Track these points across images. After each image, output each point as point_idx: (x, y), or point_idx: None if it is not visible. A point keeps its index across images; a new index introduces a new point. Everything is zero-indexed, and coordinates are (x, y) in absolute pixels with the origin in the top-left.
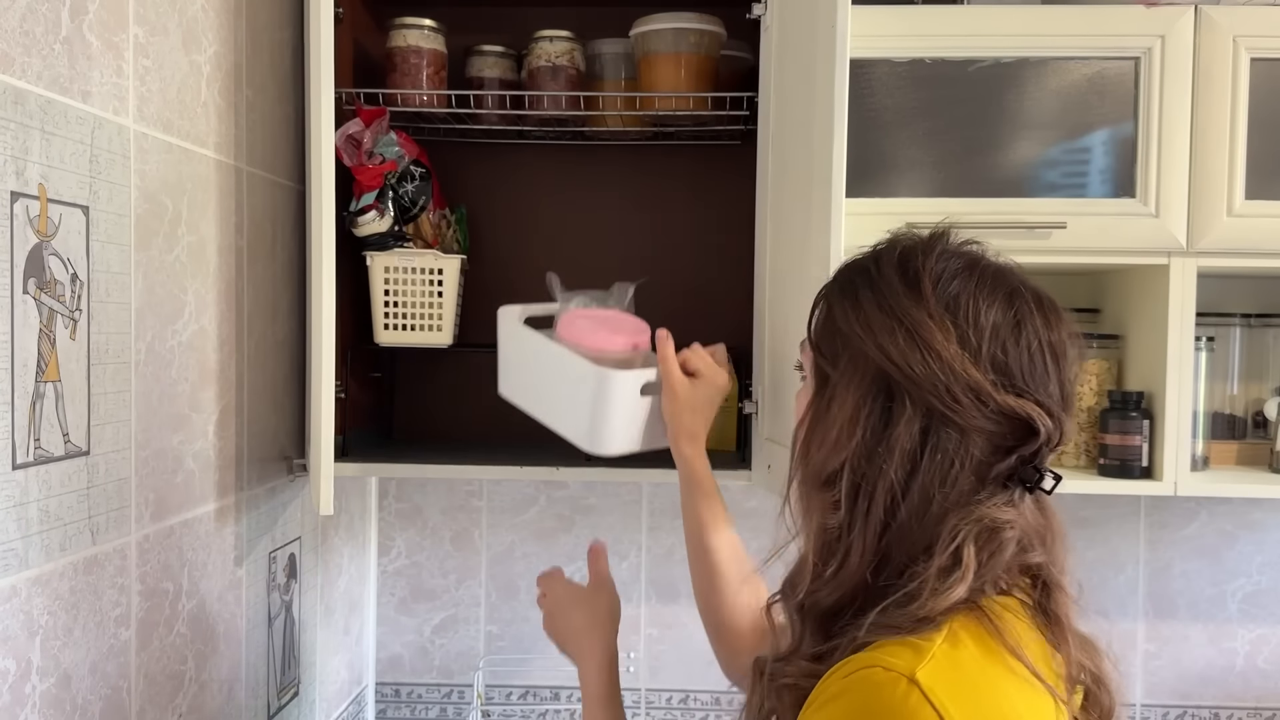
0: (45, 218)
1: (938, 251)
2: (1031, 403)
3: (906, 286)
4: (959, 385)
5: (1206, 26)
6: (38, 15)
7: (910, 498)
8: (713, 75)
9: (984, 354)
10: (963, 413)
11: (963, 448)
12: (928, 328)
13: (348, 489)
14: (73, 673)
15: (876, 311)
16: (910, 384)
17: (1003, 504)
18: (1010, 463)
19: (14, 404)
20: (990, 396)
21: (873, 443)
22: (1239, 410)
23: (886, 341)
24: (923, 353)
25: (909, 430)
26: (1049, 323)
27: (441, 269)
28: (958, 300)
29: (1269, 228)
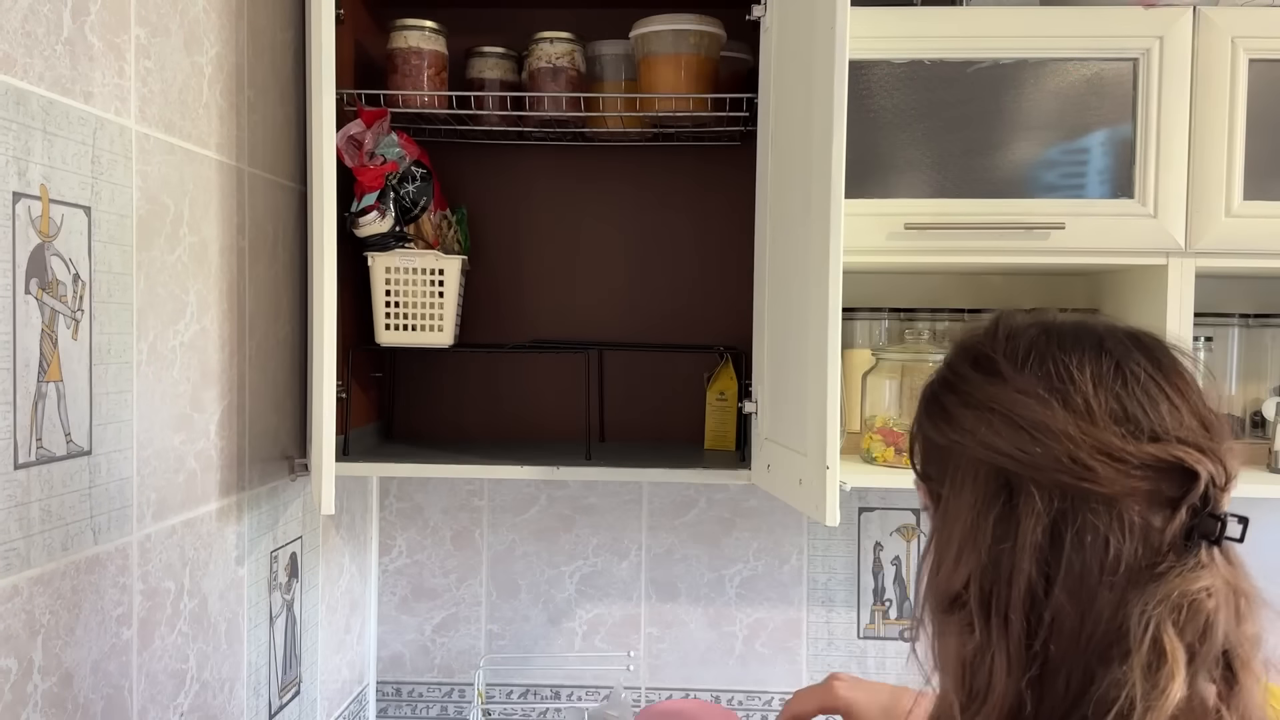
0: (47, 218)
1: (1002, 331)
2: (1175, 443)
3: (985, 375)
4: (1084, 451)
5: (1205, 27)
6: (39, 16)
7: (1056, 595)
8: (712, 76)
9: (1098, 410)
10: (1100, 479)
11: (1114, 519)
12: (1025, 404)
13: (349, 488)
14: (74, 672)
15: (966, 411)
16: (1030, 469)
17: (1192, 569)
18: (1182, 518)
19: (16, 404)
20: (1124, 451)
21: (999, 545)
22: (1237, 410)
23: (987, 434)
24: (1029, 431)
25: (1041, 522)
26: (1153, 356)
27: (442, 269)
28: (1044, 366)
29: (1267, 228)
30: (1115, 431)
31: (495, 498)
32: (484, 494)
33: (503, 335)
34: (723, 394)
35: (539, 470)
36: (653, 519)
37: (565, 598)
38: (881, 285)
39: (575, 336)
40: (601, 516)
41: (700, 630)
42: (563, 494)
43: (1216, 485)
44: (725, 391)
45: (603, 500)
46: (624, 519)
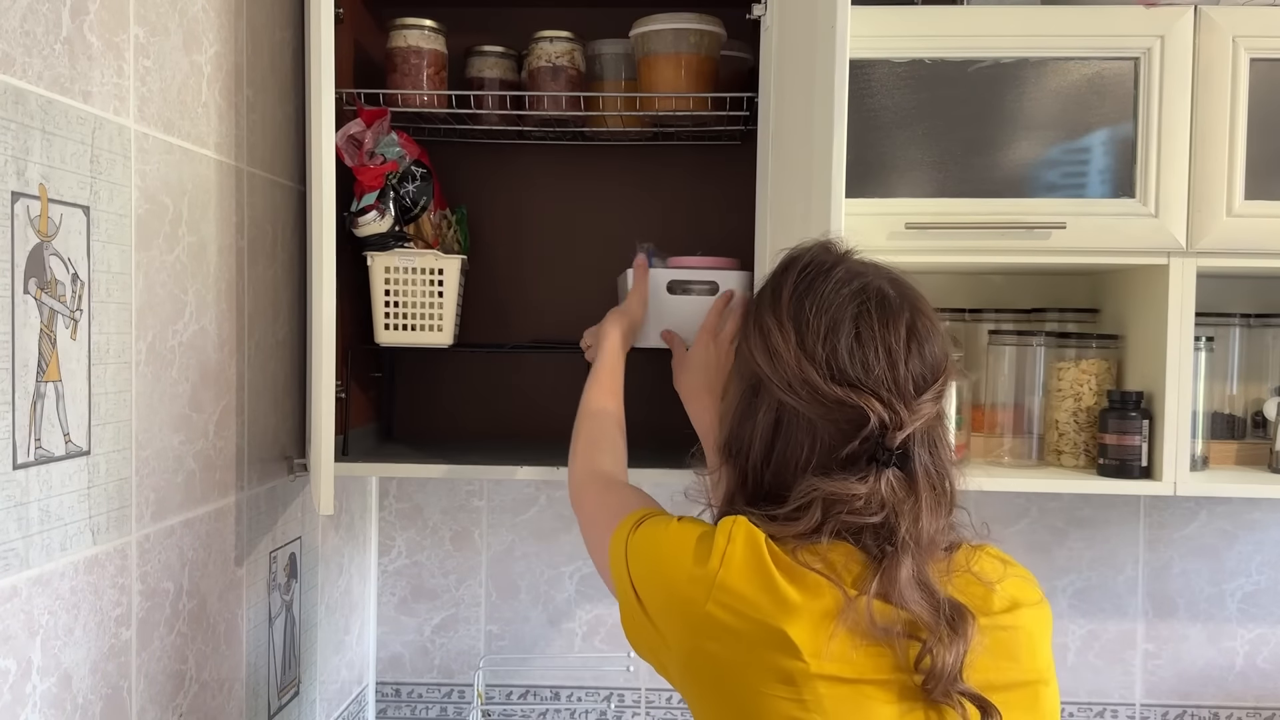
0: (46, 218)
1: (803, 263)
2: (863, 392)
3: (772, 299)
4: (796, 380)
5: (1206, 27)
6: (38, 15)
7: (769, 467)
8: (713, 75)
9: (819, 353)
10: (803, 403)
11: (811, 432)
12: (775, 334)
13: (348, 489)
14: (73, 672)
15: (750, 320)
16: (766, 379)
17: (854, 480)
18: (855, 445)
19: (14, 404)
20: (820, 388)
21: (743, 419)
22: (1238, 410)
23: (751, 344)
24: (769, 354)
25: (767, 417)
26: (887, 319)
27: (442, 269)
28: (803, 306)
29: (1268, 228)
30: (822, 372)
31: (495, 498)
32: (484, 494)
33: (503, 335)
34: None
35: (539, 470)
36: None
37: (565, 598)
38: None
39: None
40: None
41: None
42: (562, 494)
43: (887, 427)
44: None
45: None
46: None
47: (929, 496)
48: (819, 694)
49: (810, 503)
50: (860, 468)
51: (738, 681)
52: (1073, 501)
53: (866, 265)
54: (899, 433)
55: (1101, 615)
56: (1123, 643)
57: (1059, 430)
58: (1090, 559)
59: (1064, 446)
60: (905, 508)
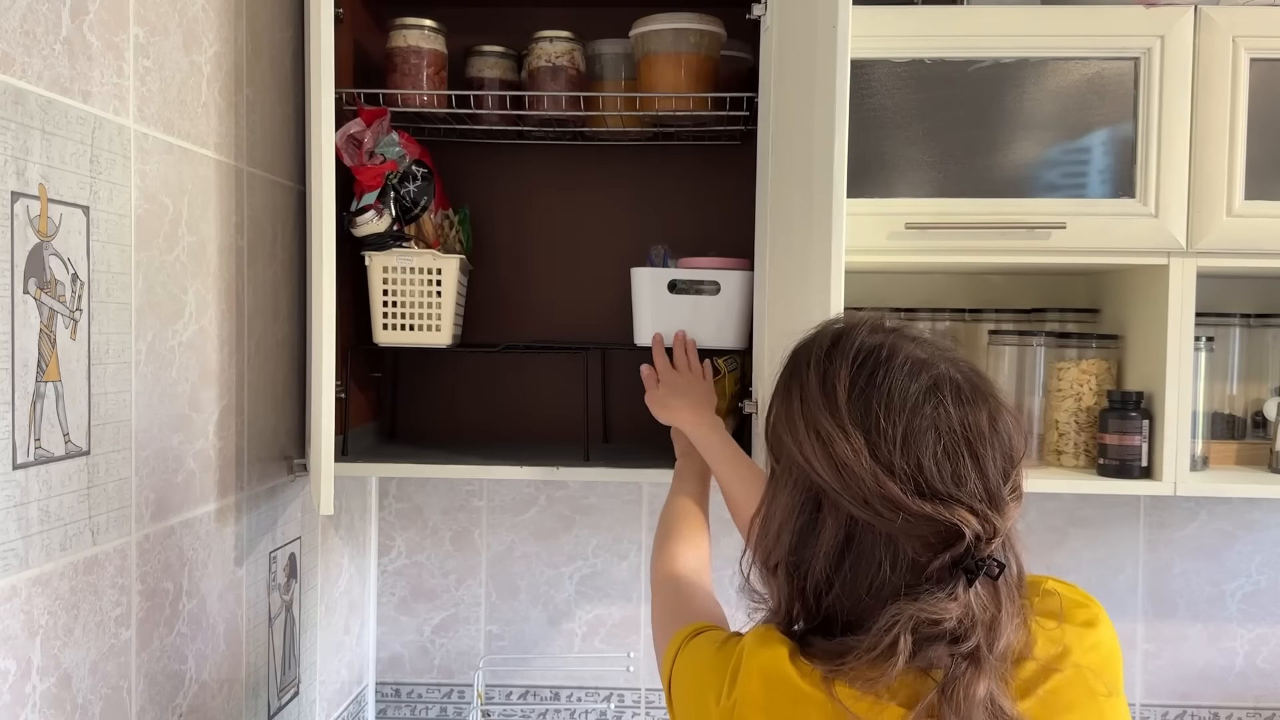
0: (45, 218)
1: (854, 349)
2: (952, 506)
3: (824, 396)
4: (874, 498)
5: (1206, 27)
6: (38, 15)
7: (835, 591)
8: (713, 75)
9: (897, 465)
10: (884, 521)
11: (889, 551)
12: (841, 443)
13: (348, 489)
14: (73, 672)
15: (800, 422)
16: (834, 494)
17: (945, 599)
18: (943, 560)
19: (14, 404)
20: (905, 505)
21: (801, 545)
22: (1238, 410)
23: (809, 454)
24: (838, 468)
25: (835, 535)
26: (966, 417)
27: (440, 269)
28: (869, 409)
29: (1268, 228)
30: (904, 487)
31: (495, 498)
32: (483, 494)
33: (504, 335)
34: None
35: (539, 470)
36: (653, 519)
37: (565, 598)
38: (882, 285)
39: (576, 336)
40: (601, 517)
41: None
42: (562, 494)
43: (980, 540)
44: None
45: (602, 500)
46: (624, 519)
47: (1009, 604)
48: None
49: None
50: (946, 584)
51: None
52: (1073, 501)
53: (927, 347)
54: (993, 542)
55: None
56: (1122, 643)
57: (1059, 430)
58: (1090, 559)
59: (1064, 446)
60: (984, 623)
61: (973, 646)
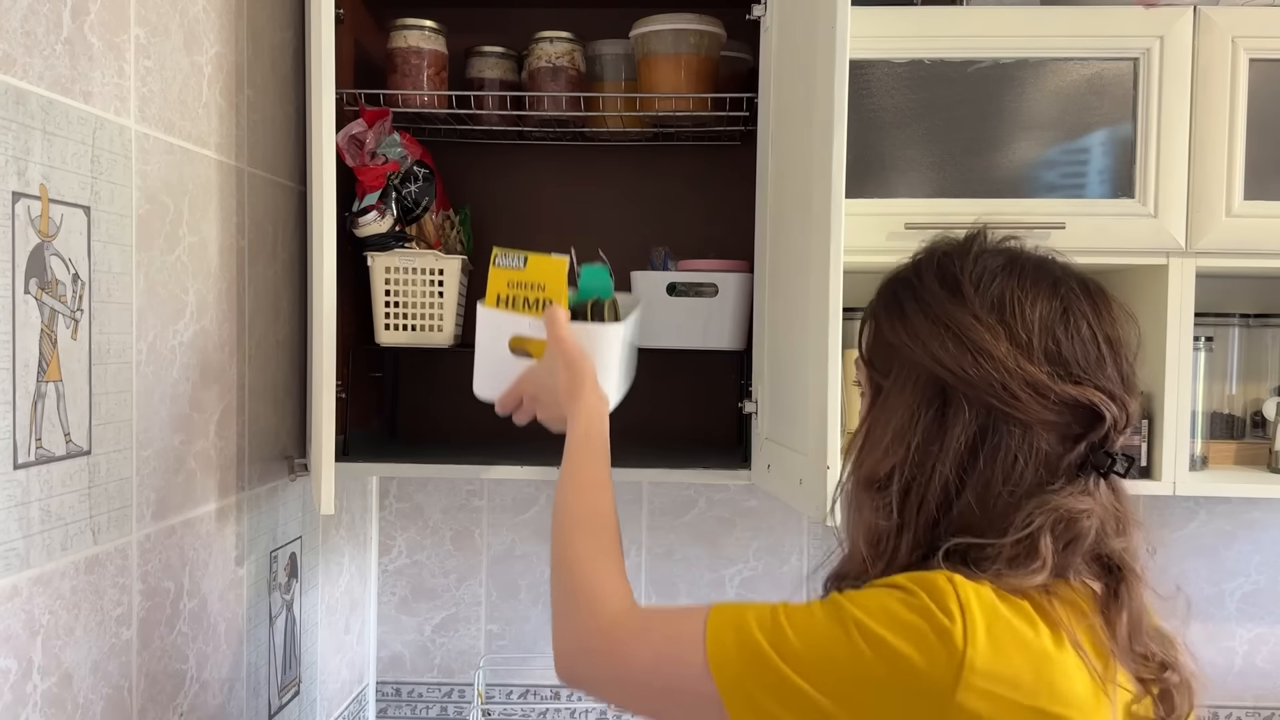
0: (46, 218)
1: (974, 252)
2: (1092, 389)
3: (949, 292)
4: (1016, 381)
5: (1205, 27)
6: (39, 16)
7: (965, 496)
8: (713, 76)
9: (1036, 347)
10: (1022, 408)
11: (1026, 442)
12: (976, 330)
13: (348, 488)
14: (74, 672)
15: (923, 320)
16: (966, 386)
17: (1079, 493)
18: (1080, 451)
19: (15, 404)
20: (1049, 388)
21: (927, 445)
22: (1238, 410)
23: (936, 347)
24: (974, 354)
25: (966, 432)
26: (1097, 308)
27: (442, 269)
28: (1002, 298)
29: (1267, 228)
30: (1045, 370)
31: (495, 498)
32: (484, 494)
33: None
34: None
35: (539, 470)
36: (653, 519)
37: None
38: None
39: None
40: None
41: None
42: None
43: (1117, 428)
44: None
45: None
46: (624, 519)
47: (1135, 511)
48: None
49: (1036, 530)
50: (1078, 479)
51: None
52: None
53: (1042, 251)
54: (1127, 430)
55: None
56: None
57: None
58: None
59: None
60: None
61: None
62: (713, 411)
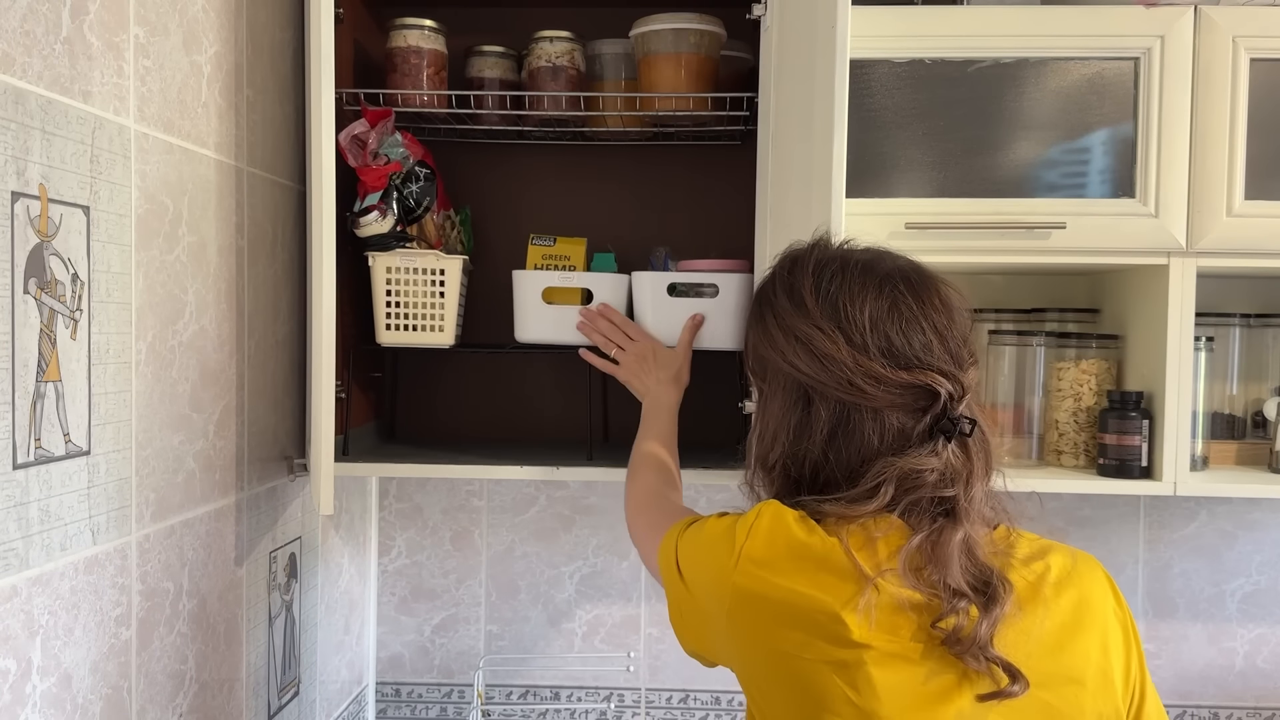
0: (46, 218)
1: (812, 264)
2: (923, 371)
3: (794, 306)
4: (859, 377)
5: (1206, 27)
6: (38, 15)
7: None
8: (713, 75)
9: (871, 345)
10: (868, 397)
11: (878, 422)
12: (819, 338)
13: (348, 489)
14: (73, 672)
15: (779, 334)
16: (820, 386)
17: (926, 454)
18: (926, 422)
19: (14, 404)
20: (886, 378)
21: (799, 437)
22: (1238, 410)
23: (793, 357)
24: (820, 360)
25: (828, 422)
26: (920, 299)
27: (443, 269)
28: (836, 305)
29: (1268, 228)
30: (881, 361)
31: (495, 498)
32: (483, 494)
33: (504, 335)
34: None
35: (539, 470)
36: None
37: (565, 598)
38: None
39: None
40: (601, 516)
41: None
42: (562, 494)
43: (953, 399)
44: None
45: (603, 500)
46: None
47: (980, 463)
48: (861, 660)
49: (882, 482)
50: (927, 443)
51: (777, 650)
52: (1072, 501)
53: (872, 253)
54: (962, 401)
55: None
56: None
57: (1059, 430)
58: None
59: (1064, 446)
60: (961, 477)
61: (950, 498)
62: (712, 411)
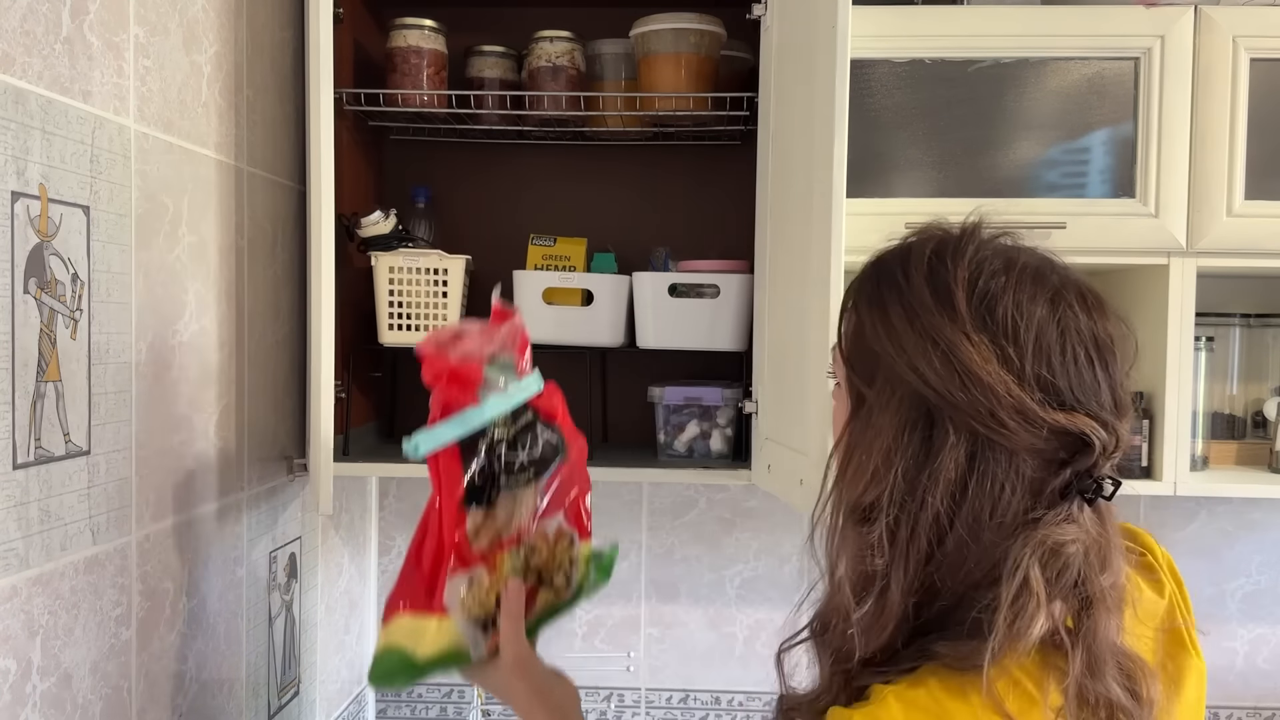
0: (46, 218)
1: (969, 256)
2: (1083, 416)
3: (938, 302)
4: (1005, 409)
5: (1206, 27)
6: (38, 15)
7: (958, 529)
8: (713, 75)
9: (1028, 372)
10: (1010, 436)
11: (1013, 469)
12: (965, 349)
13: (348, 489)
14: (73, 672)
15: (909, 330)
16: (952, 410)
17: (1062, 521)
18: (1065, 477)
19: (15, 404)
20: (1039, 417)
21: (915, 473)
22: (1238, 410)
23: (922, 364)
24: (962, 377)
25: (954, 458)
26: (1095, 323)
27: (446, 269)
28: (994, 314)
29: (1268, 228)
30: (1037, 397)
31: None
32: None
33: None
34: None
35: None
36: (653, 519)
37: None
38: None
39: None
40: (601, 517)
41: (700, 631)
42: None
43: (1105, 454)
44: None
45: (603, 500)
46: (624, 519)
47: (1113, 532)
48: None
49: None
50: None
51: None
52: None
53: (1039, 255)
54: (1115, 455)
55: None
56: None
57: None
58: None
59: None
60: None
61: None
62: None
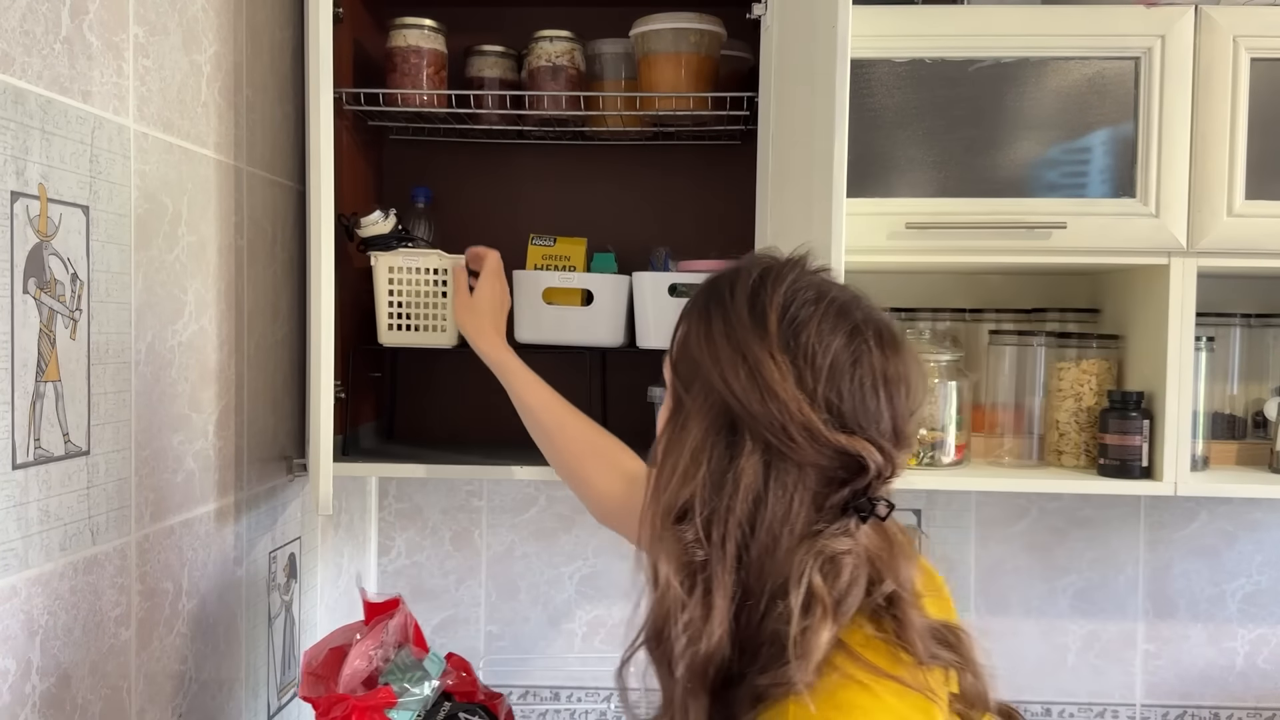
0: (45, 217)
1: (788, 283)
2: (862, 440)
3: (753, 321)
4: (794, 425)
5: (1206, 26)
6: (38, 15)
7: (760, 534)
8: (713, 75)
9: (819, 394)
10: (798, 450)
11: (800, 483)
12: (768, 367)
13: (348, 489)
14: (73, 673)
15: (724, 343)
16: (751, 420)
17: (839, 534)
18: (844, 494)
19: (14, 404)
20: (823, 435)
21: (719, 475)
22: (1239, 410)
23: (730, 376)
24: (762, 392)
25: (751, 465)
26: (886, 359)
27: (446, 269)
28: (799, 338)
29: (1269, 228)
30: (823, 417)
31: (494, 498)
32: (483, 494)
33: None
34: None
35: (539, 470)
36: None
37: (565, 599)
38: (882, 285)
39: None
40: None
41: None
42: (562, 494)
43: (880, 478)
44: None
45: None
46: None
47: (900, 545)
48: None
49: (809, 582)
50: (840, 520)
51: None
52: (1073, 501)
53: (850, 292)
54: (891, 481)
55: (1102, 615)
56: (1123, 643)
57: (1059, 430)
58: (1090, 559)
59: (1064, 447)
60: (892, 564)
61: (882, 585)
62: None
